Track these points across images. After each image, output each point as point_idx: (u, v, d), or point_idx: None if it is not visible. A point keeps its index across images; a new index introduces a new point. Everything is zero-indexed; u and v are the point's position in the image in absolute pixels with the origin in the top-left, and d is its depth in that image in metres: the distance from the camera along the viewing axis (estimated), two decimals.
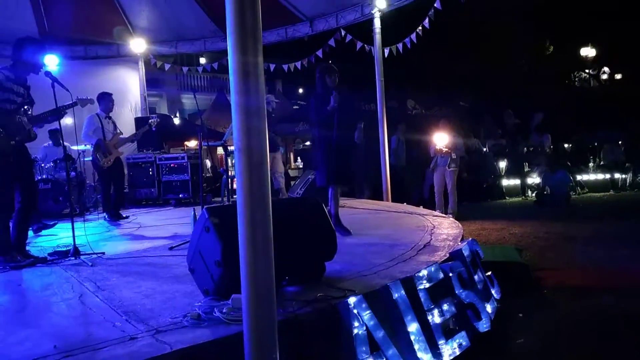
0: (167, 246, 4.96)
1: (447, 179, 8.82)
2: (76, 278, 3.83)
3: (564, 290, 4.47)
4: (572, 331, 3.54)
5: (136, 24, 10.66)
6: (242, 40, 2.11)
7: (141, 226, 6.75)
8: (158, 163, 9.40)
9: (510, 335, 3.51)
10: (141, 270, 4.07)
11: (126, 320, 2.75)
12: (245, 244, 2.17)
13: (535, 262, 5.44)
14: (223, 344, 2.43)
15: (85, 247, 4.68)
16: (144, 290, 3.39)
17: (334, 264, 3.56)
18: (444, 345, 3.06)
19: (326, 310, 2.86)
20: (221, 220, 2.96)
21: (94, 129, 7.09)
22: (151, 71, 13.48)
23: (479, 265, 3.96)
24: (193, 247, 3.21)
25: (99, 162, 7.06)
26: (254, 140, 2.13)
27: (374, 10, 8.69)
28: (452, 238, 4.85)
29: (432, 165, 8.99)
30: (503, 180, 12.50)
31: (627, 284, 4.59)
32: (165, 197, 9.38)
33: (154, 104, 21.94)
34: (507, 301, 4.03)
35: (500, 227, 7.73)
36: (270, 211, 2.19)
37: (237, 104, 2.14)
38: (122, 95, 10.90)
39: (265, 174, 2.18)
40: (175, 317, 2.73)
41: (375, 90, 8.86)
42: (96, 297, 3.28)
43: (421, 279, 3.28)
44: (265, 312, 2.19)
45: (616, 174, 12.79)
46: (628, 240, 6.41)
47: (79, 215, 6.97)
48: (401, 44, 9.09)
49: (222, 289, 2.89)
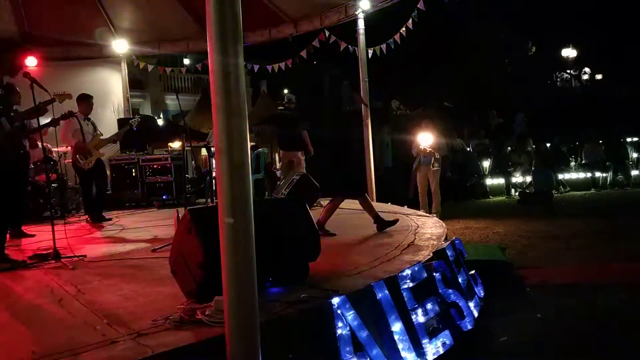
0: (150, 248, 4.91)
1: (430, 178, 8.85)
2: (56, 281, 3.77)
3: (546, 287, 4.51)
4: (555, 328, 3.57)
5: (118, 24, 10.55)
6: (222, 41, 2.10)
7: (124, 228, 6.68)
8: (141, 164, 9.32)
9: (493, 333, 3.53)
10: (123, 272, 4.02)
11: (107, 324, 2.71)
12: (226, 246, 2.15)
13: (519, 260, 5.49)
14: (205, 347, 2.40)
15: (66, 249, 4.62)
16: (126, 293, 3.35)
17: (318, 264, 3.55)
18: (427, 344, 3.07)
19: (310, 311, 2.85)
20: (203, 222, 2.93)
21: (73, 131, 6.99)
22: (134, 72, 13.36)
23: (463, 264, 3.99)
24: (175, 249, 3.18)
25: (79, 164, 6.97)
26: (235, 142, 2.12)
27: (358, 11, 8.70)
28: (436, 237, 4.87)
29: (416, 165, 9.02)
30: (487, 180, 12.61)
31: (609, 281, 4.66)
32: (148, 199, 9.29)
33: (138, 105, 21.72)
34: (491, 299, 4.06)
35: (484, 226, 7.79)
36: (252, 212, 2.18)
37: (217, 105, 2.13)
38: (104, 97, 10.78)
39: (247, 175, 2.16)
40: (157, 320, 2.69)
41: (359, 90, 8.88)
42: (77, 300, 3.23)
43: (405, 279, 3.29)
44: (247, 313, 2.17)
45: (597, 172, 12.97)
46: (609, 238, 6.50)
47: (59, 218, 6.87)
48: (385, 45, 9.11)
49: (204, 291, 2.87)
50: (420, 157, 8.85)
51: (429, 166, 8.79)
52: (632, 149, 13.87)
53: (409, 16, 8.46)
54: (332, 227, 5.51)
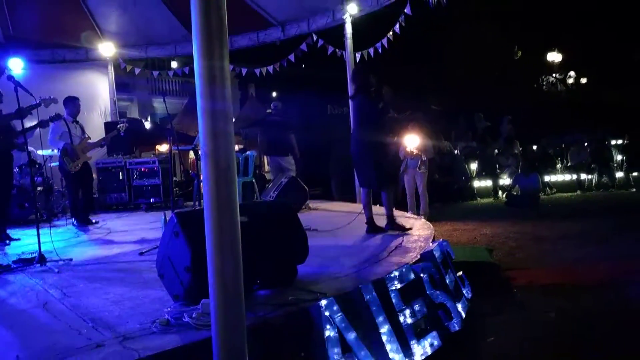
0: (137, 251, 4.87)
1: (417, 181, 8.85)
2: (41, 285, 3.73)
3: (533, 289, 4.54)
4: (542, 329, 3.60)
5: (105, 27, 10.48)
6: (207, 44, 2.10)
7: (111, 231, 6.63)
8: (128, 167, 9.26)
9: (481, 334, 3.56)
10: (110, 276, 4.00)
11: (93, 328, 2.69)
12: (213, 249, 2.15)
13: (506, 261, 5.53)
14: (192, 350, 2.40)
15: (51, 253, 4.57)
16: (112, 296, 3.33)
17: (306, 266, 3.55)
18: (415, 345, 3.08)
19: (298, 313, 2.85)
20: (190, 225, 2.92)
21: (60, 134, 6.94)
22: (121, 75, 13.26)
23: (450, 265, 4.01)
24: (162, 252, 3.16)
25: (66, 167, 6.90)
26: (221, 145, 2.12)
27: (345, 16, 8.73)
28: (424, 239, 4.89)
29: (403, 167, 9.00)
30: (474, 182, 12.69)
31: (595, 282, 4.70)
32: (136, 202, 9.24)
33: (125, 108, 21.60)
34: (478, 301, 4.09)
35: (472, 228, 7.83)
36: (238, 215, 2.18)
37: (203, 109, 2.12)
38: (91, 100, 10.70)
39: (233, 178, 2.16)
40: (144, 323, 2.68)
41: (347, 94, 8.89)
42: (62, 304, 3.20)
43: (393, 280, 3.30)
44: (234, 316, 2.17)
45: (582, 174, 13.12)
46: (595, 239, 6.57)
47: (45, 222, 6.81)
48: (372, 49, 9.15)
49: (192, 294, 2.86)
50: (407, 159, 8.85)
51: (416, 169, 8.79)
52: (616, 152, 14.05)
53: (397, 20, 8.50)
54: (320, 228, 5.52)
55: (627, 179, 12.97)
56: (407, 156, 8.78)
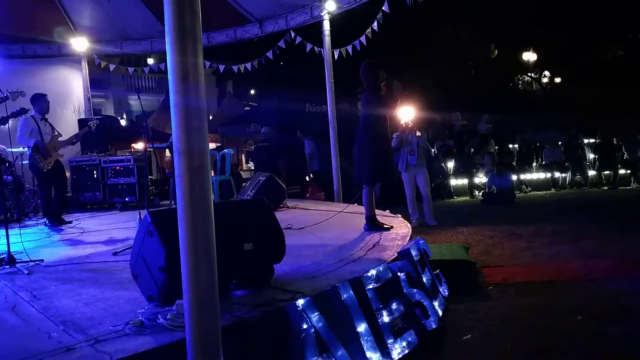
0: (111, 251, 4.79)
1: (419, 182, 8.09)
2: (10, 287, 3.63)
3: (509, 286, 4.59)
4: (517, 326, 3.64)
5: (78, 22, 10.28)
6: (180, 39, 2.05)
7: (84, 231, 6.50)
8: (103, 166, 9.10)
9: (458, 332, 3.57)
10: (82, 277, 3.91)
11: (63, 330, 2.62)
12: (187, 249, 2.11)
13: (482, 259, 5.58)
14: (167, 352, 2.35)
15: (21, 254, 4.45)
16: (85, 298, 3.25)
17: (283, 265, 3.52)
18: (393, 344, 3.08)
19: (274, 313, 2.82)
20: (165, 224, 2.87)
21: (29, 131, 6.76)
22: (96, 71, 13.03)
23: (427, 264, 4.02)
24: (136, 252, 3.10)
25: (38, 165, 6.74)
26: (195, 142, 2.08)
27: (323, 13, 8.72)
28: (401, 237, 4.91)
29: (404, 165, 8.05)
30: (451, 180, 12.81)
31: (568, 278, 4.78)
32: (111, 201, 9.09)
33: (100, 105, 21.24)
34: (455, 298, 4.11)
35: (448, 226, 7.89)
36: (212, 214, 2.14)
37: (176, 105, 2.08)
38: (64, 96, 10.50)
39: (207, 177, 2.12)
40: (117, 325, 2.62)
41: (326, 92, 8.89)
42: (31, 307, 3.11)
43: (370, 279, 3.30)
44: (209, 317, 2.13)
45: (556, 173, 13.36)
46: (568, 236, 6.68)
47: (16, 221, 6.64)
48: (351, 47, 9.17)
49: (166, 294, 2.81)
50: (407, 156, 8.02)
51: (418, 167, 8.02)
52: (589, 150, 14.34)
53: (374, 18, 8.52)
54: (298, 226, 5.49)
55: (600, 177, 13.25)
56: (402, 140, 7.99)
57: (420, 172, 8.12)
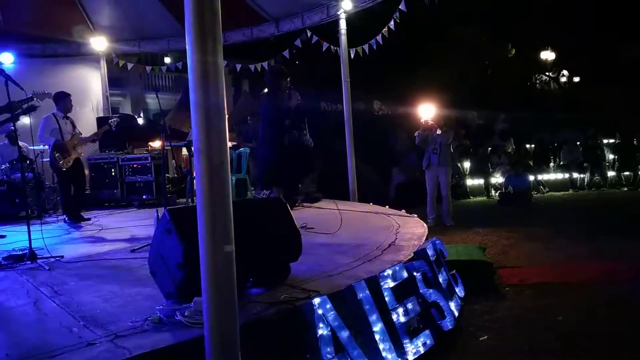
0: (130, 248, 4.83)
1: (441, 180, 8.04)
2: (32, 283, 3.69)
3: (526, 287, 4.55)
4: (534, 327, 3.61)
5: (97, 22, 10.40)
6: (201, 39, 2.08)
7: (103, 228, 6.58)
8: (121, 164, 9.20)
9: (474, 333, 3.55)
10: (102, 273, 3.96)
11: (84, 326, 2.66)
12: (206, 246, 2.13)
13: (499, 260, 5.54)
14: (184, 348, 2.38)
15: (42, 250, 4.53)
16: (104, 294, 3.30)
17: (300, 264, 3.54)
18: (408, 344, 3.07)
19: (290, 311, 2.84)
20: (183, 222, 2.90)
21: (50, 130, 6.85)
22: (114, 70, 13.17)
23: (443, 264, 4.01)
24: (154, 250, 3.14)
25: (57, 163, 6.84)
26: (214, 141, 2.10)
27: (340, 12, 8.71)
28: (417, 237, 4.89)
29: (426, 163, 8.12)
30: (467, 180, 12.72)
31: (586, 280, 4.72)
32: (128, 199, 9.19)
33: (117, 103, 21.47)
34: (471, 299, 4.09)
35: (465, 227, 7.84)
36: (231, 213, 2.16)
37: (196, 104, 2.10)
38: (83, 95, 10.61)
39: (226, 175, 2.14)
40: (136, 321, 2.66)
41: (342, 91, 8.88)
42: (53, 302, 3.17)
43: (386, 279, 3.29)
44: (227, 314, 2.15)
45: (575, 173, 13.20)
46: (586, 238, 6.60)
47: (36, 218, 6.74)
48: (367, 45, 9.14)
49: (184, 291, 2.84)
50: (430, 154, 8.04)
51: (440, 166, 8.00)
52: (608, 151, 14.14)
53: (391, 17, 8.49)
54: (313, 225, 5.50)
55: (619, 178, 13.06)
56: (422, 129, 8.02)
57: (442, 171, 8.11)
